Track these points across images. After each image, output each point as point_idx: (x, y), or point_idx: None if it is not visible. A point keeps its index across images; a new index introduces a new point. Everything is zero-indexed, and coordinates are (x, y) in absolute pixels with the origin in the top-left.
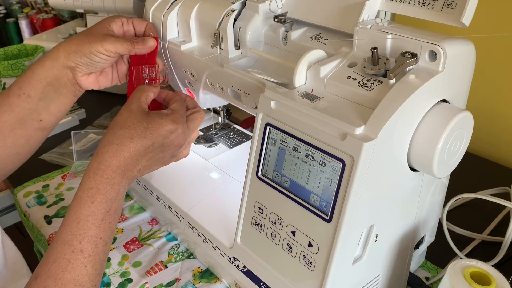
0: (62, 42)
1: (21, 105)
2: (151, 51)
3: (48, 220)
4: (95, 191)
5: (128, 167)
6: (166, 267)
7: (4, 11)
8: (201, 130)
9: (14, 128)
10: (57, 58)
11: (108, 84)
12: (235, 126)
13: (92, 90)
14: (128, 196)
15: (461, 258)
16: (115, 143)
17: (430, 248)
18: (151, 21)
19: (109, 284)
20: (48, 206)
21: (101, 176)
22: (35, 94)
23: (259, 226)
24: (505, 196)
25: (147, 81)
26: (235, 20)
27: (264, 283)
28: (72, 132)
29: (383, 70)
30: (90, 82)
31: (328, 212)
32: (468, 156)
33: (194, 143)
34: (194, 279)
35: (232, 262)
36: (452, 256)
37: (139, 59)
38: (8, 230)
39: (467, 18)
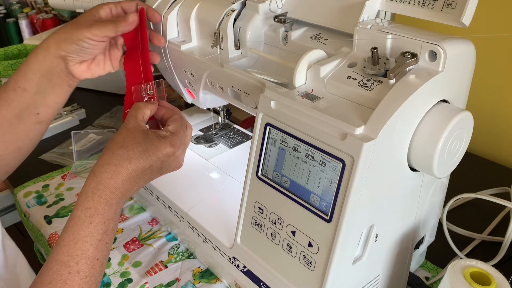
0: (52, 33)
1: (18, 99)
2: (146, 67)
3: (48, 220)
4: (93, 211)
5: (127, 189)
6: (166, 267)
7: (4, 11)
8: (201, 130)
9: (13, 123)
10: (48, 48)
11: (101, 72)
12: (235, 126)
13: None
14: None
15: (461, 258)
16: (113, 163)
17: (430, 248)
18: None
19: (109, 284)
20: (48, 206)
21: (99, 197)
22: (30, 87)
23: (259, 226)
24: (505, 196)
25: (146, 98)
26: (235, 20)
27: (264, 283)
28: (72, 132)
29: (383, 70)
30: (83, 71)
31: (328, 212)
32: (468, 156)
33: (194, 143)
34: (194, 279)
35: (232, 262)
36: (452, 256)
37: (136, 75)
38: (8, 230)
39: (467, 18)
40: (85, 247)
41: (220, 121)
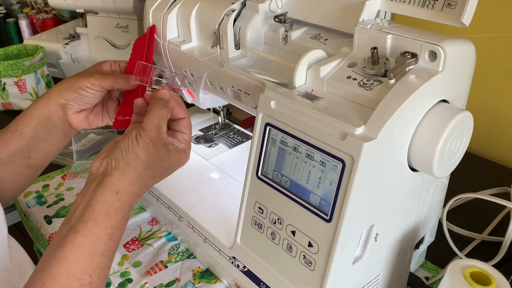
0: (57, 83)
1: (14, 141)
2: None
3: (48, 220)
4: (115, 229)
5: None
6: (166, 267)
7: (4, 11)
8: (201, 130)
9: (5, 163)
10: (50, 97)
11: (99, 123)
12: (235, 126)
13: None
14: None
15: (461, 258)
16: (140, 184)
17: (430, 248)
18: (150, 21)
19: (109, 284)
20: (48, 206)
21: (123, 216)
22: (27, 131)
23: (259, 226)
24: (505, 196)
25: (153, 86)
26: (235, 20)
27: (264, 283)
28: None
29: (383, 70)
30: (81, 120)
31: (328, 212)
32: (468, 156)
33: (194, 143)
34: (194, 279)
35: (232, 262)
36: (452, 256)
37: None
38: (8, 230)
39: (467, 18)
40: (101, 261)
41: (220, 121)
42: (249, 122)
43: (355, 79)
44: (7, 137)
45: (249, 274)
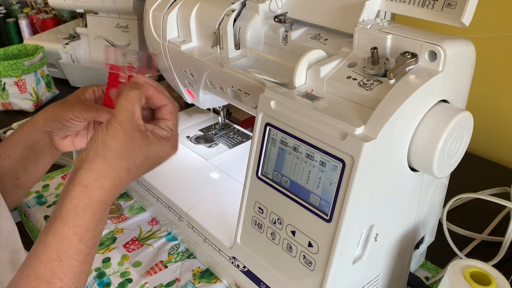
0: (42, 110)
1: (2, 164)
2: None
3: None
4: (84, 229)
5: (116, 194)
6: (166, 267)
7: (4, 11)
8: (201, 130)
9: None
10: (36, 124)
11: (84, 145)
12: (235, 126)
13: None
14: (128, 196)
15: (461, 258)
16: (110, 177)
17: (430, 248)
18: (150, 21)
19: (109, 284)
20: (48, 206)
21: (93, 214)
22: (14, 155)
23: (259, 226)
24: (505, 196)
25: (126, 72)
26: (235, 20)
27: (264, 283)
28: None
29: (383, 70)
30: (66, 144)
31: (328, 212)
32: (468, 156)
33: (194, 143)
34: (194, 279)
35: (232, 262)
36: (452, 256)
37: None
38: None
39: (467, 18)
40: (71, 264)
41: (220, 121)
42: (249, 122)
43: (355, 79)
44: None
45: (249, 274)
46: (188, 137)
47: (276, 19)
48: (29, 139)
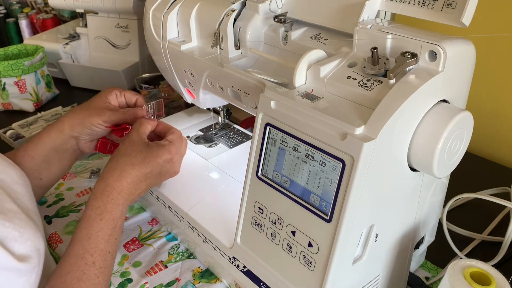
0: (65, 115)
1: (24, 164)
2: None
3: (48, 220)
4: (102, 210)
5: (131, 191)
6: (166, 267)
7: (4, 11)
8: (201, 130)
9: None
10: (63, 130)
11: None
12: (235, 126)
13: (92, 90)
14: None
15: (461, 258)
16: (118, 169)
17: (430, 248)
18: (150, 21)
19: (109, 284)
20: (48, 206)
21: (107, 197)
22: (38, 157)
23: (259, 226)
24: (505, 196)
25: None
26: (235, 20)
27: (264, 283)
28: None
29: (383, 70)
30: (91, 147)
31: (328, 212)
32: (468, 156)
33: (194, 143)
34: (194, 279)
35: (232, 262)
36: (452, 256)
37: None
38: None
39: (467, 18)
40: (97, 241)
41: (220, 121)
42: (249, 122)
43: (355, 79)
44: (17, 161)
45: (249, 274)
46: (188, 137)
47: (276, 19)
48: (55, 143)
